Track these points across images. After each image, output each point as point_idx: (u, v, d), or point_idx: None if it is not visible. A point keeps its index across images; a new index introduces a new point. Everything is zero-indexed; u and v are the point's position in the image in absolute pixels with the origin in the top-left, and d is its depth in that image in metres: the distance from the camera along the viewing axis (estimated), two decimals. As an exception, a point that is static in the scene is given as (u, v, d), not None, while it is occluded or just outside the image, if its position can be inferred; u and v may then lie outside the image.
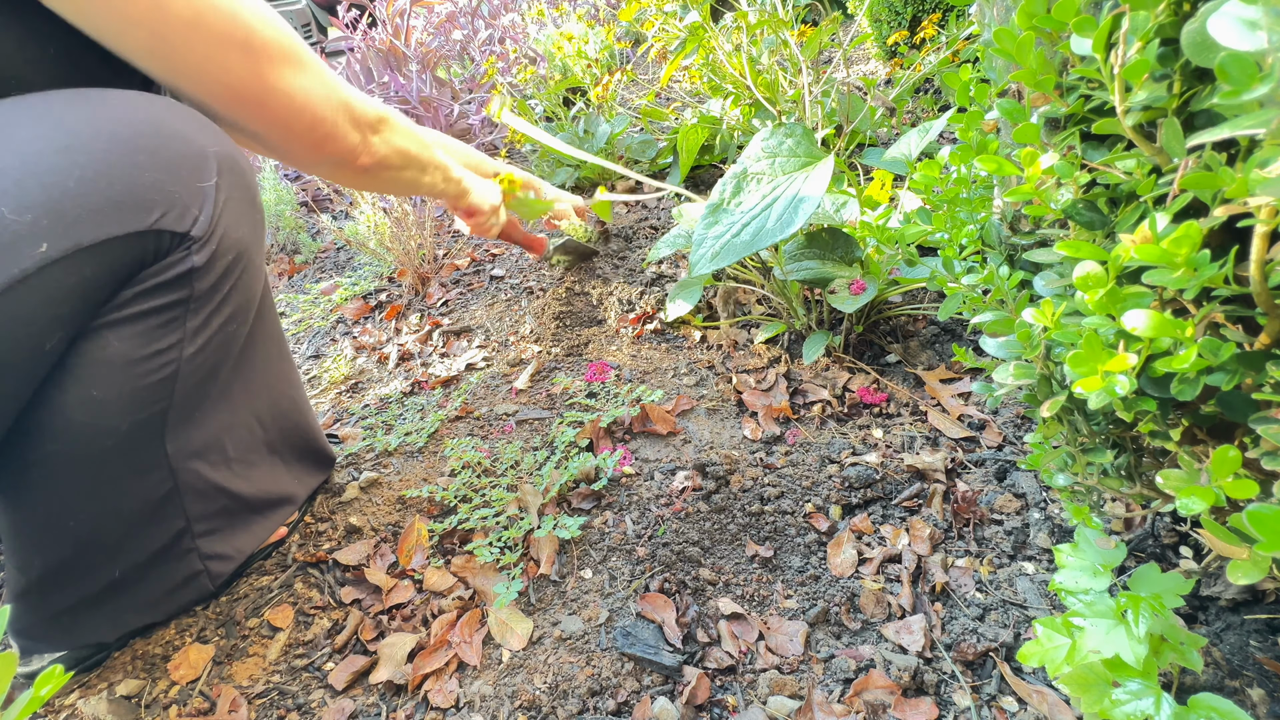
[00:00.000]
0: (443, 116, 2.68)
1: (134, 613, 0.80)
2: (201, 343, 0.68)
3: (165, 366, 0.65)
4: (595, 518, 0.97)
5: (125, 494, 0.70)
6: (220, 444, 0.78)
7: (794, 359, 1.24)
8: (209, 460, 0.77)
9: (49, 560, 0.71)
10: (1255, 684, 0.65)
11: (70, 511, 0.68)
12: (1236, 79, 0.31)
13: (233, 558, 0.84)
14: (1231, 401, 0.43)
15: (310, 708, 0.77)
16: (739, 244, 0.91)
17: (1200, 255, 0.35)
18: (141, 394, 0.65)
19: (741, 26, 1.34)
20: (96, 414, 0.63)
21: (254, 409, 0.84)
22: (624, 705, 0.73)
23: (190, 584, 0.81)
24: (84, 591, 0.74)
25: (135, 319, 0.62)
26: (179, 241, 0.61)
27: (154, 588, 0.79)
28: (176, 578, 0.80)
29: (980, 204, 0.59)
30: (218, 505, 0.80)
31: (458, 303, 1.66)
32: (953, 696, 0.71)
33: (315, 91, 0.64)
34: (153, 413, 0.67)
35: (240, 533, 0.85)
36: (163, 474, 0.72)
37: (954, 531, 0.89)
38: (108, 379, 0.62)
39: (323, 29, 5.59)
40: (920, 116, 2.04)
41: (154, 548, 0.76)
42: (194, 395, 0.71)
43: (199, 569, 0.81)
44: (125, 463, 0.68)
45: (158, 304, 0.62)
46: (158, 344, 0.64)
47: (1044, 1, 0.43)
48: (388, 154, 0.74)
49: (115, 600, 0.77)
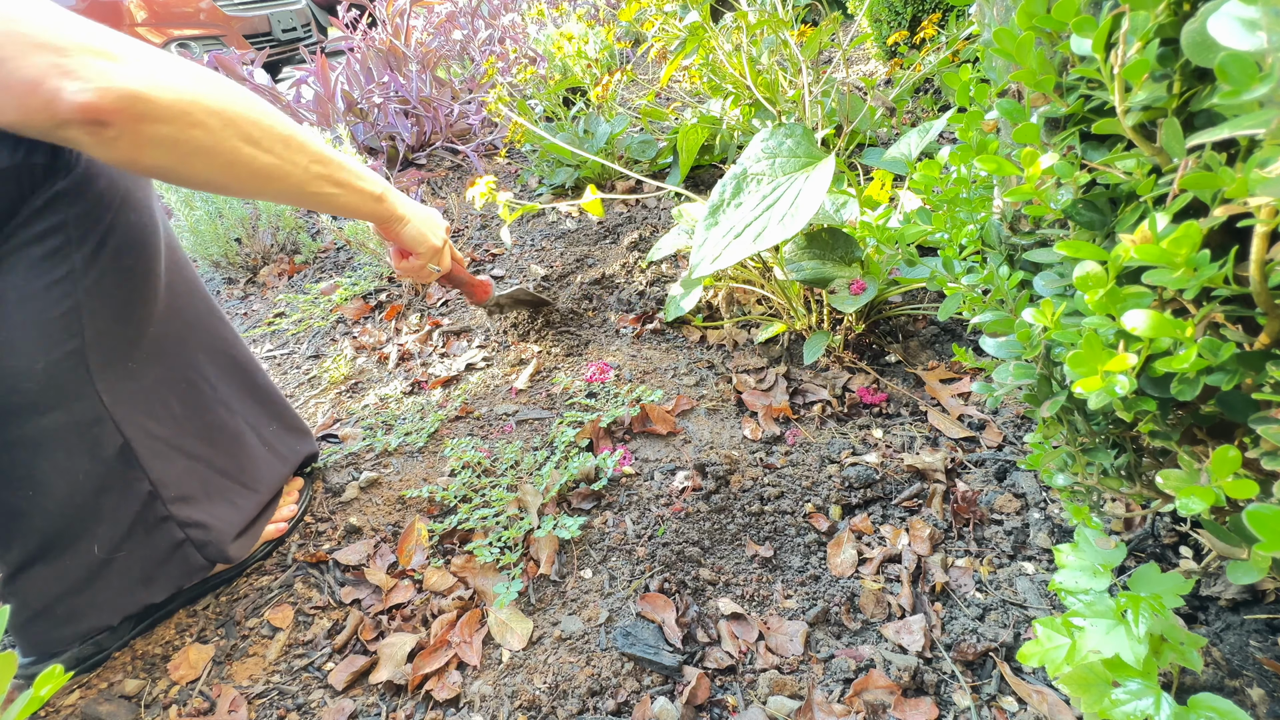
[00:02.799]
0: (443, 116, 2.68)
1: (129, 593, 0.80)
2: (96, 275, 0.68)
3: (64, 299, 0.66)
4: (595, 518, 0.97)
5: (75, 450, 0.71)
6: (165, 400, 0.79)
7: (794, 359, 1.24)
8: (155, 416, 0.77)
9: (26, 539, 0.72)
10: (1255, 684, 0.65)
11: (27, 477, 0.69)
12: (1236, 79, 0.31)
13: (212, 527, 0.84)
14: (1231, 401, 0.43)
15: (310, 708, 0.77)
16: (740, 245, 0.91)
17: (1200, 255, 0.35)
18: (47, 329, 0.66)
19: (741, 26, 1.34)
20: (6, 355, 0.65)
21: (194, 365, 0.83)
22: (624, 705, 0.73)
23: (177, 556, 0.82)
24: (71, 573, 0.75)
25: (19, 251, 0.63)
26: (46, 173, 0.63)
27: (140, 561, 0.79)
28: (160, 548, 0.80)
29: (980, 204, 0.59)
30: (181, 467, 0.80)
31: (458, 303, 1.66)
32: (953, 696, 0.71)
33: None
34: (67, 350, 0.68)
35: (219, 503, 0.85)
36: (107, 427, 0.73)
37: (954, 531, 0.89)
38: (8, 317, 0.64)
39: (323, 29, 5.60)
40: (920, 116, 2.04)
41: (127, 516, 0.76)
42: (112, 337, 0.71)
43: (180, 537, 0.81)
44: (63, 413, 0.69)
45: (36, 231, 0.63)
46: (49, 275, 0.65)
47: (1044, 1, 0.43)
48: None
49: (106, 580, 0.78)
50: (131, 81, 0.52)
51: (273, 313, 1.78)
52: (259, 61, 2.58)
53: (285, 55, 5.11)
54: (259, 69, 2.68)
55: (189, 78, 0.57)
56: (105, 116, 0.52)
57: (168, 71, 0.55)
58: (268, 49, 3.14)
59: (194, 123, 0.57)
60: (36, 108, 0.50)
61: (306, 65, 2.63)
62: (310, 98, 2.64)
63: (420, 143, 2.73)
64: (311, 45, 5.15)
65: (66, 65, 0.50)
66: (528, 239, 1.90)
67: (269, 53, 2.99)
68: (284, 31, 5.05)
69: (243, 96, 0.61)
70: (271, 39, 4.98)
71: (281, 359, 1.56)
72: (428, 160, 2.65)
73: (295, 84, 2.68)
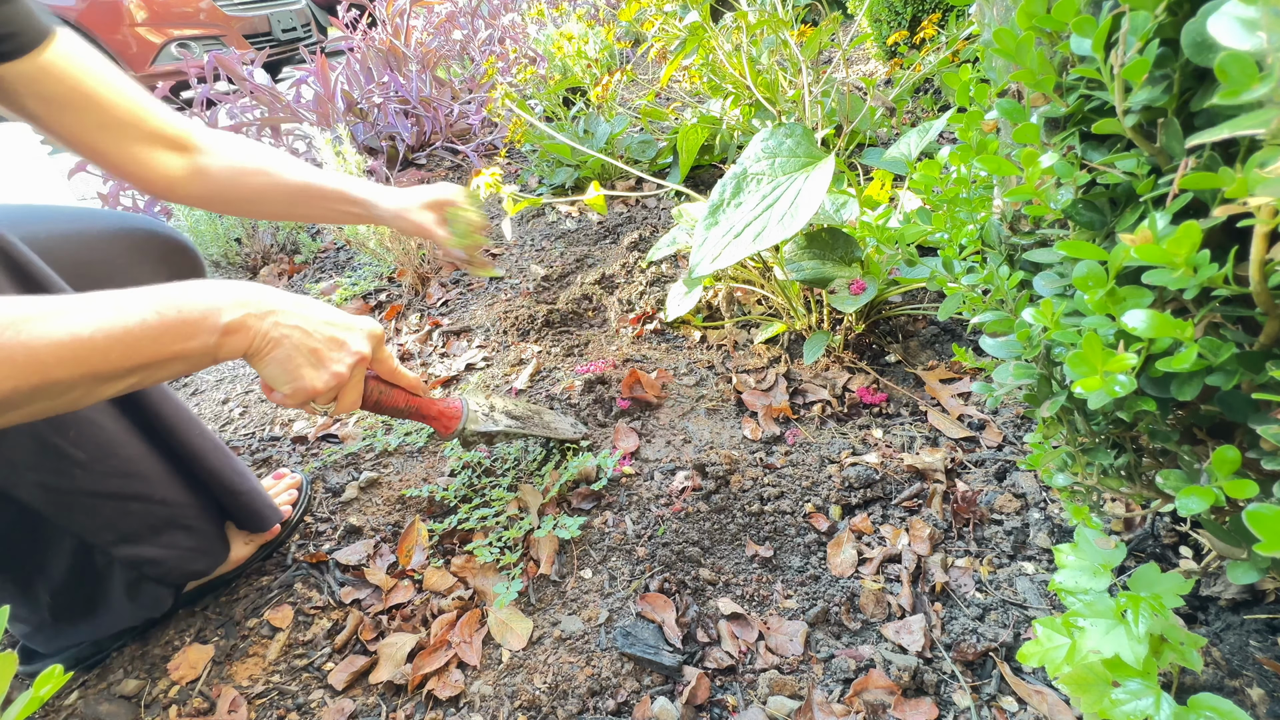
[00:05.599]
0: (442, 116, 2.68)
1: (94, 628, 0.80)
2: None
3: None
4: (595, 518, 0.97)
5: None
6: (48, 447, 0.65)
7: (794, 359, 1.24)
8: (49, 467, 0.66)
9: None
10: (1255, 684, 0.65)
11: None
12: (1236, 79, 0.31)
13: (165, 560, 0.78)
14: (1231, 401, 0.43)
15: (310, 708, 0.77)
16: (740, 244, 0.91)
17: (1200, 255, 0.35)
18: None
19: (741, 26, 1.34)
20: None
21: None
22: (624, 705, 0.73)
23: (140, 592, 0.80)
24: (33, 619, 0.76)
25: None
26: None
27: (101, 602, 0.78)
28: (116, 587, 0.78)
29: (980, 204, 0.59)
30: (110, 510, 0.72)
31: (457, 303, 1.66)
32: (953, 696, 0.71)
33: None
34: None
35: (170, 531, 0.78)
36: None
37: (954, 531, 0.89)
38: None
39: (323, 29, 5.60)
40: (920, 116, 2.04)
41: (61, 568, 0.74)
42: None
43: (133, 576, 0.78)
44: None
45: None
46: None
47: (1044, 1, 0.43)
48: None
49: (72, 623, 0.78)
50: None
51: (273, 313, 1.78)
52: (259, 61, 2.58)
53: (285, 55, 5.11)
54: (259, 69, 2.68)
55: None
56: None
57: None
58: (268, 49, 3.14)
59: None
60: None
61: (306, 65, 2.63)
62: (310, 98, 2.64)
63: (420, 143, 2.73)
64: (311, 45, 5.15)
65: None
66: (528, 239, 1.90)
67: (269, 53, 2.99)
68: (284, 31, 5.05)
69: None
70: (271, 39, 4.97)
71: (281, 359, 1.55)
72: (428, 160, 2.65)
73: (295, 84, 2.68)
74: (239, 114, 2.52)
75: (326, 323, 0.66)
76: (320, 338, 0.64)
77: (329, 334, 0.65)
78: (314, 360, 0.64)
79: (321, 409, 0.67)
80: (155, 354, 0.52)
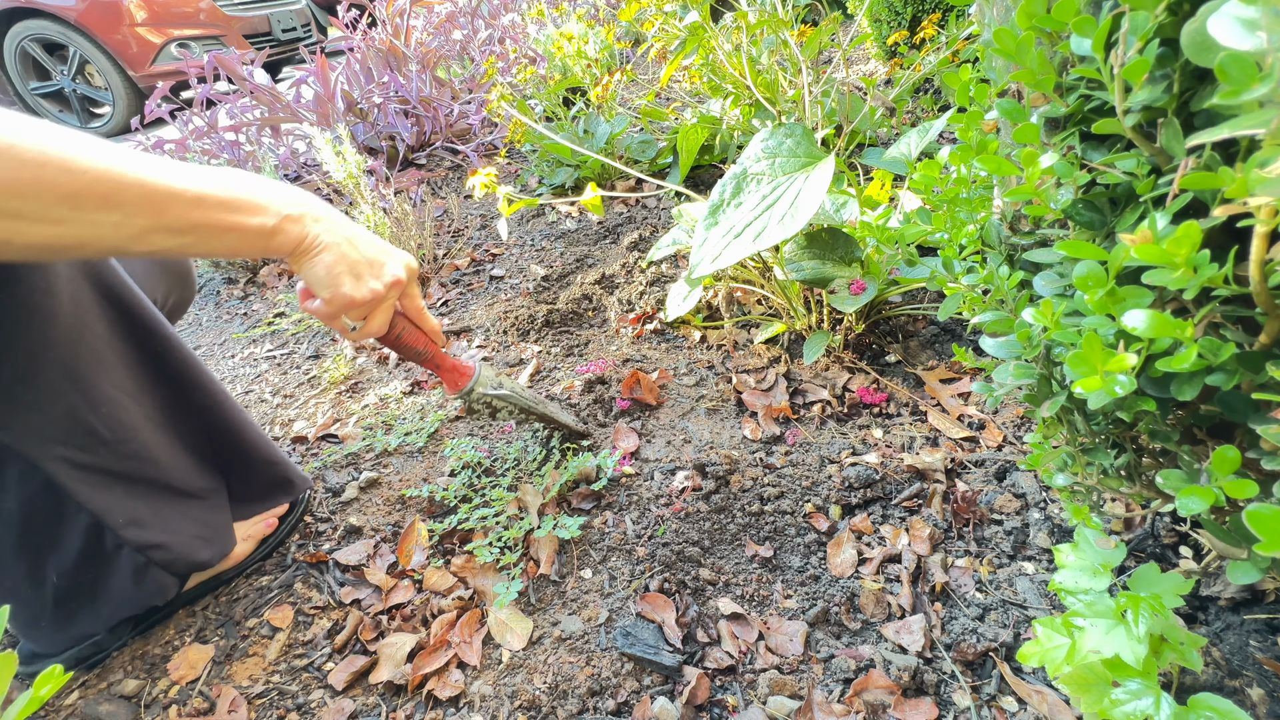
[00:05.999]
0: (442, 116, 2.68)
1: (98, 617, 0.80)
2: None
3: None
4: (595, 518, 0.97)
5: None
6: (83, 425, 0.69)
7: (794, 359, 1.24)
8: (77, 442, 0.69)
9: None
10: (1255, 684, 0.65)
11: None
12: (1236, 79, 0.31)
13: (171, 545, 0.80)
14: (1231, 401, 0.43)
15: (310, 708, 0.77)
16: (740, 244, 0.91)
17: (1200, 255, 0.35)
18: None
19: (741, 26, 1.34)
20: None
21: (96, 384, 0.70)
22: (624, 705, 0.73)
23: (146, 579, 0.80)
24: (35, 604, 0.76)
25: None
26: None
27: (107, 589, 0.78)
28: (123, 573, 0.78)
29: (980, 204, 0.59)
30: (122, 491, 0.75)
31: (458, 303, 1.66)
32: (953, 696, 0.71)
33: None
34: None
35: (173, 518, 0.80)
36: (21, 464, 0.68)
37: (954, 531, 0.89)
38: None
39: (323, 29, 5.60)
40: (920, 116, 2.04)
41: (73, 549, 0.74)
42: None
43: (141, 561, 0.79)
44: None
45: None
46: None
47: (1044, 1, 0.43)
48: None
49: (75, 609, 0.78)
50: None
51: (273, 312, 1.78)
52: (259, 61, 2.58)
53: (285, 55, 5.11)
54: (259, 69, 2.68)
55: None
56: None
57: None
58: (268, 49, 3.14)
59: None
60: None
61: (306, 65, 2.63)
62: (310, 98, 2.65)
63: (420, 143, 2.73)
64: (311, 45, 5.15)
65: None
66: (528, 239, 1.90)
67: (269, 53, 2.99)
68: (284, 31, 5.04)
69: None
70: (271, 39, 4.97)
71: (281, 359, 1.56)
72: (428, 160, 2.65)
73: (295, 84, 2.68)
74: (239, 114, 2.52)
75: (370, 244, 0.70)
76: (363, 255, 0.68)
77: (371, 254, 0.70)
78: (354, 272, 0.67)
79: (352, 324, 0.71)
80: (218, 220, 0.56)
